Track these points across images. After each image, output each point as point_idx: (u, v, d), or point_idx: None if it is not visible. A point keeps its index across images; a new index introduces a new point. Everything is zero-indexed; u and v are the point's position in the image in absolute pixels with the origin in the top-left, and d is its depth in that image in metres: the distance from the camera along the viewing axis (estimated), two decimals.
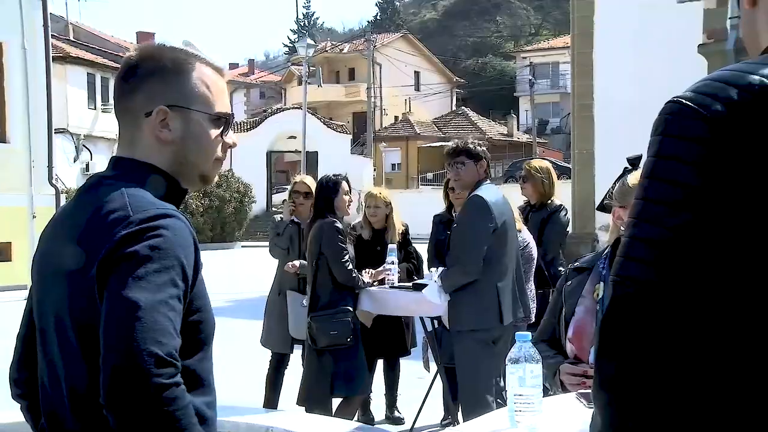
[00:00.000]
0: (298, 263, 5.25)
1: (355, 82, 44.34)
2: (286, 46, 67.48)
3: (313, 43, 25.81)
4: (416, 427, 5.19)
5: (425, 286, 4.71)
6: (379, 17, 64.01)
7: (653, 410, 0.93)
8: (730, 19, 11.00)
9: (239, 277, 14.99)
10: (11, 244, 14.32)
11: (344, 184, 4.83)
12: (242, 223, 25.95)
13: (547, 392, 3.00)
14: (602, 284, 2.51)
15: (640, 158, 2.52)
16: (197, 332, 1.40)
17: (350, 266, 4.70)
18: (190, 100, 1.48)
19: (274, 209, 27.17)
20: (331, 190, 4.79)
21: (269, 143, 31.88)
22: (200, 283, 1.42)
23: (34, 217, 13.57)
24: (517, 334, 2.30)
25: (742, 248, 0.91)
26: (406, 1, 69.48)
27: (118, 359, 1.25)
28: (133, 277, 1.28)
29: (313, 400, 4.73)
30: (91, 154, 27.16)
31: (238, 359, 6.62)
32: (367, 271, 4.97)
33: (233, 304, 11.65)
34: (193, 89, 1.48)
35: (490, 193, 4.25)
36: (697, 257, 0.92)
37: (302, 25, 65.20)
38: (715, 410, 0.94)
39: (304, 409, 4.83)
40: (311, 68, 29.79)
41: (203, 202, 24.66)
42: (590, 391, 1.28)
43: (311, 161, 27.53)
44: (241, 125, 33.65)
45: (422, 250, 5.64)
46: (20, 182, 13.72)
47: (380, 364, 5.54)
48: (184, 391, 1.28)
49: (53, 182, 14.94)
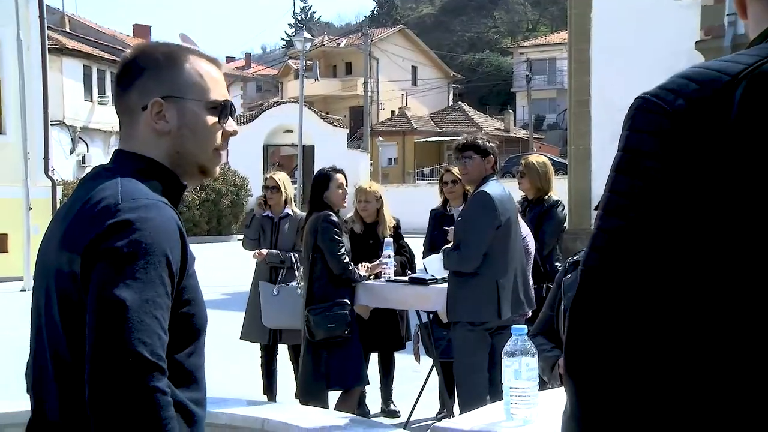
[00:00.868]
0: (265, 251, 5.39)
1: (351, 76, 44.29)
2: (283, 39, 67.41)
3: (310, 37, 25.77)
4: (412, 420, 5.19)
5: (422, 280, 4.72)
6: (376, 12, 63.97)
7: (612, 394, 0.95)
8: (727, 15, 11.01)
9: (235, 270, 14.97)
10: (7, 235, 14.31)
11: (338, 177, 4.83)
12: (238, 216, 25.91)
13: (544, 385, 3.01)
14: None
15: None
16: (188, 325, 1.40)
17: (346, 259, 4.70)
18: (183, 90, 1.50)
19: None
20: (321, 183, 4.81)
21: (266, 137, 31.82)
22: (191, 276, 1.42)
23: (30, 209, 13.55)
24: (512, 327, 2.31)
25: (698, 240, 0.93)
26: None
27: (103, 359, 1.24)
28: (118, 274, 1.28)
29: (310, 393, 4.73)
30: (87, 146, 27.09)
31: (233, 351, 6.62)
32: (363, 264, 4.98)
33: (229, 297, 11.64)
34: (186, 80, 1.50)
35: (495, 189, 4.26)
36: (652, 247, 0.94)
37: (299, 19, 65.09)
38: (670, 391, 0.96)
39: (299, 402, 4.83)
40: (308, 62, 29.75)
41: (199, 195, 24.62)
42: None
43: (307, 155, 27.50)
44: (237, 118, 33.39)
45: (417, 244, 5.64)
46: (16, 174, 13.69)
47: (375, 357, 5.55)
48: (168, 397, 1.27)
49: (49, 174, 14.92)
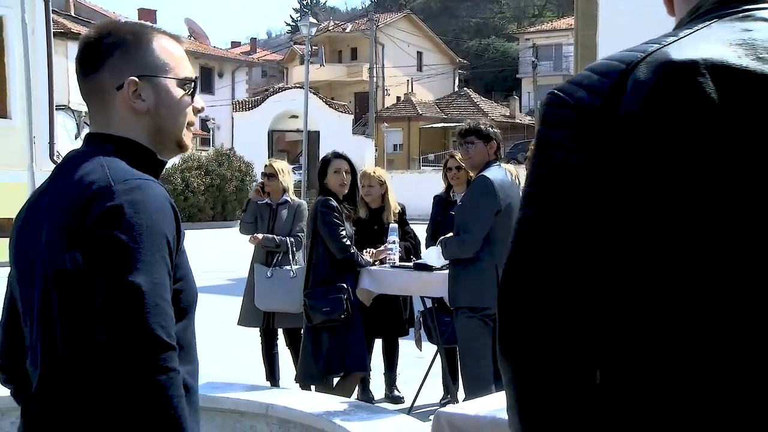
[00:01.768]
0: (260, 235, 5.42)
1: (357, 61, 44.16)
2: (288, 25, 67.19)
3: (315, 22, 25.71)
4: (416, 406, 5.21)
5: (426, 266, 4.72)
6: None
7: (543, 372, 0.99)
8: None
9: (239, 255, 14.99)
10: (11, 220, 14.32)
11: (335, 162, 4.83)
12: (243, 202, 25.91)
13: None
14: None
15: None
16: (179, 302, 1.43)
17: (347, 242, 4.69)
18: (156, 69, 1.51)
19: None
20: (321, 169, 4.86)
21: (271, 122, 31.79)
22: (182, 253, 1.45)
23: None
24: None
25: (602, 225, 0.97)
26: None
27: (125, 345, 1.28)
28: (128, 259, 1.30)
29: (309, 377, 4.76)
30: None
31: (237, 337, 6.64)
32: (367, 250, 4.98)
33: (233, 282, 11.67)
34: (157, 58, 1.51)
35: (496, 174, 4.25)
36: (560, 233, 0.98)
37: (305, 4, 64.86)
38: (593, 367, 1.00)
39: (299, 386, 4.85)
40: (313, 47, 29.69)
41: (204, 180, 24.64)
42: None
43: (312, 141, 27.47)
44: (242, 104, 33.55)
45: (423, 230, 5.64)
46: (21, 159, 13.71)
47: (379, 343, 5.56)
48: (181, 378, 1.32)
49: (54, 159, 14.93)
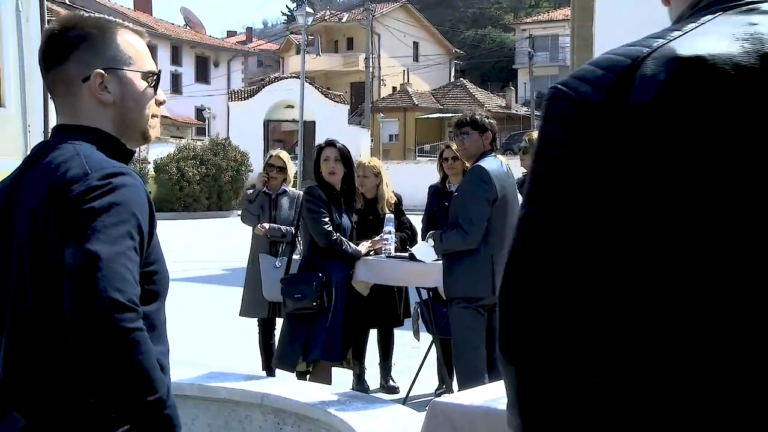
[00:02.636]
0: (267, 225, 5.42)
1: (353, 51, 44.06)
2: (284, 14, 66.90)
3: (311, 11, 25.59)
4: (411, 396, 5.22)
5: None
6: None
7: (545, 371, 0.99)
8: None
9: (235, 245, 14.98)
10: None
11: (325, 150, 4.82)
12: (238, 191, 25.87)
13: None
14: None
15: None
16: (152, 283, 1.48)
17: (328, 228, 4.68)
18: (121, 62, 1.55)
19: None
20: (315, 158, 4.85)
21: (266, 112, 31.74)
22: (156, 240, 1.50)
23: None
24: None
25: (605, 220, 0.97)
26: None
27: (81, 308, 1.31)
28: (91, 230, 1.34)
29: (282, 361, 4.79)
30: None
31: (233, 327, 6.64)
32: (363, 244, 4.97)
33: (228, 272, 11.67)
34: (121, 52, 1.56)
35: (492, 164, 4.26)
36: (562, 229, 0.98)
37: None
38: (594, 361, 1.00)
39: (295, 375, 4.86)
40: (309, 37, 29.56)
41: (200, 170, 24.60)
42: None
43: (308, 131, 27.41)
44: (238, 94, 33.47)
45: (418, 221, 5.64)
46: (15, 147, 13.66)
47: (374, 334, 5.57)
48: (145, 335, 1.35)
49: None
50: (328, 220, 4.69)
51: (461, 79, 44.46)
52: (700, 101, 0.94)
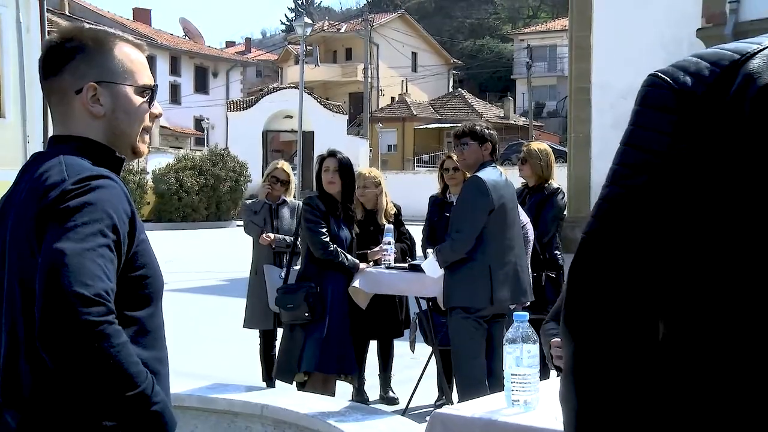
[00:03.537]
0: (272, 235, 5.41)
1: (351, 62, 44.17)
2: (283, 24, 67.13)
3: (310, 22, 25.66)
4: (410, 407, 5.21)
5: (421, 267, 4.71)
6: None
7: (605, 346, 0.98)
8: (729, 3, 10.96)
9: (233, 255, 14.98)
10: None
11: (326, 161, 4.82)
12: (237, 202, 25.87)
13: (547, 374, 3.01)
14: None
15: None
16: (143, 287, 1.48)
17: (325, 239, 4.66)
18: (115, 75, 1.56)
19: None
20: (318, 168, 4.85)
21: (265, 122, 31.77)
22: (144, 242, 1.50)
23: None
24: (514, 314, 2.30)
25: (692, 213, 0.96)
26: None
27: (46, 303, 1.31)
28: (63, 230, 1.36)
29: (280, 371, 4.80)
30: None
31: (233, 337, 6.63)
32: (363, 265, 4.92)
33: (227, 283, 11.66)
34: (117, 65, 1.56)
35: (490, 174, 4.26)
36: (648, 214, 0.97)
37: (299, 3, 64.78)
38: (659, 348, 0.98)
39: (295, 385, 4.85)
40: (308, 47, 29.66)
41: (198, 180, 24.60)
42: None
43: (307, 141, 27.45)
44: (237, 104, 33.51)
45: (417, 231, 5.64)
46: (15, 157, 13.67)
47: (374, 345, 5.56)
48: (118, 329, 1.34)
49: None
50: (325, 230, 4.67)
51: (459, 89, 44.56)
52: None
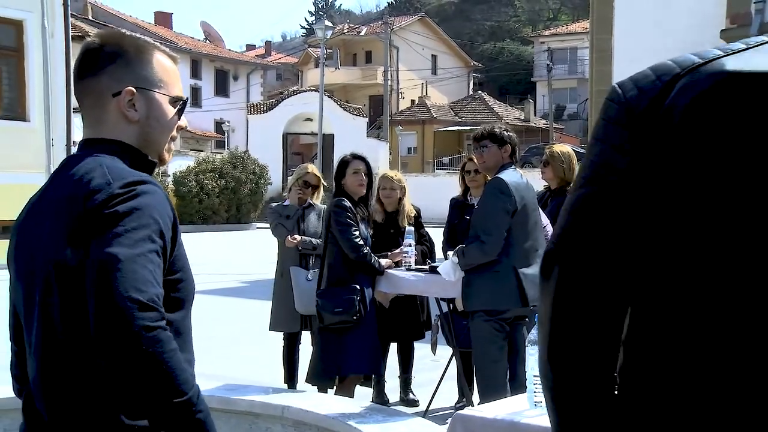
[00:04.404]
0: (299, 237, 5.39)
1: (371, 64, 44.21)
2: (303, 27, 67.35)
3: (330, 25, 25.73)
4: (431, 409, 5.20)
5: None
6: (396, 0, 63.68)
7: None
8: (755, 3, 10.84)
9: (254, 257, 15.05)
10: None
11: (355, 162, 4.82)
12: (258, 204, 26.02)
13: None
14: None
15: None
16: (177, 291, 1.50)
17: (359, 241, 4.67)
18: (152, 83, 1.59)
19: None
20: (339, 170, 4.83)
21: (285, 125, 31.88)
22: (180, 246, 1.52)
23: None
24: (537, 315, 2.30)
25: (647, 224, 0.99)
26: None
27: (101, 307, 1.32)
28: (112, 234, 1.36)
29: (319, 377, 4.76)
30: None
31: (253, 339, 6.66)
32: (386, 261, 4.94)
33: (248, 285, 11.71)
34: (154, 74, 1.59)
35: (511, 176, 4.25)
36: (590, 224, 1.01)
37: (320, 6, 65.01)
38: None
39: (317, 388, 4.86)
40: (328, 50, 29.73)
41: (219, 183, 24.73)
42: None
43: (327, 144, 27.52)
44: (257, 107, 33.66)
45: (436, 234, 5.63)
46: (39, 161, 13.82)
47: (394, 346, 5.56)
48: (169, 335, 1.35)
49: None
50: (357, 233, 4.69)
51: (479, 91, 44.44)
52: (732, 113, 0.94)
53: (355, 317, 4.55)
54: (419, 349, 5.67)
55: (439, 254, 5.46)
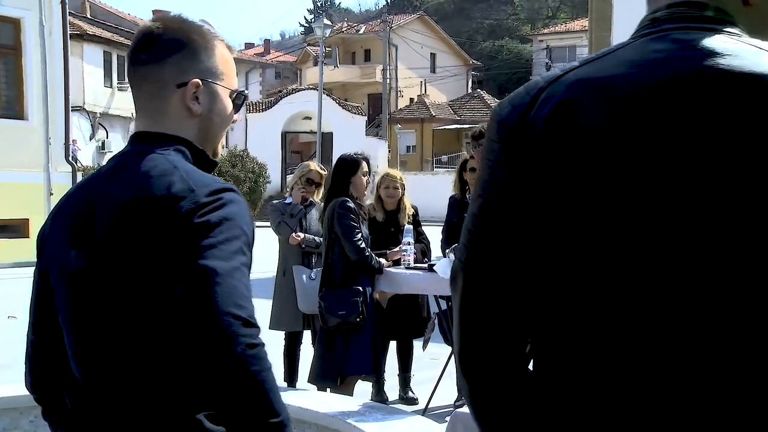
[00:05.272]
0: (302, 235, 5.37)
1: (370, 63, 44.19)
2: (302, 26, 67.33)
3: (329, 23, 25.71)
4: (430, 407, 5.21)
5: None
6: None
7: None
8: None
9: (254, 256, 15.04)
10: (29, 220, 14.45)
11: (364, 164, 4.83)
12: (257, 203, 26.01)
13: None
14: None
15: None
16: None
17: (362, 244, 4.68)
18: (215, 75, 1.51)
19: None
20: (350, 168, 4.80)
21: (284, 124, 31.87)
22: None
23: (51, 194, 13.68)
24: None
25: (523, 227, 1.03)
26: None
27: (203, 325, 1.26)
28: (206, 246, 1.29)
29: (322, 378, 4.76)
30: (106, 132, 27.27)
31: None
32: (384, 261, 4.95)
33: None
34: (218, 65, 1.52)
35: None
36: (482, 233, 1.06)
37: (318, 5, 65.00)
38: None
39: (315, 387, 4.86)
40: (327, 49, 29.71)
41: None
42: None
43: (326, 142, 27.51)
44: (256, 105, 33.64)
45: (434, 232, 5.64)
46: (37, 159, 13.82)
47: (394, 345, 5.56)
48: (266, 353, 1.30)
49: (70, 160, 15.03)
50: (360, 235, 4.70)
51: (478, 90, 44.44)
52: (579, 119, 0.98)
53: (358, 319, 4.56)
54: (418, 347, 5.68)
55: (436, 252, 5.46)
